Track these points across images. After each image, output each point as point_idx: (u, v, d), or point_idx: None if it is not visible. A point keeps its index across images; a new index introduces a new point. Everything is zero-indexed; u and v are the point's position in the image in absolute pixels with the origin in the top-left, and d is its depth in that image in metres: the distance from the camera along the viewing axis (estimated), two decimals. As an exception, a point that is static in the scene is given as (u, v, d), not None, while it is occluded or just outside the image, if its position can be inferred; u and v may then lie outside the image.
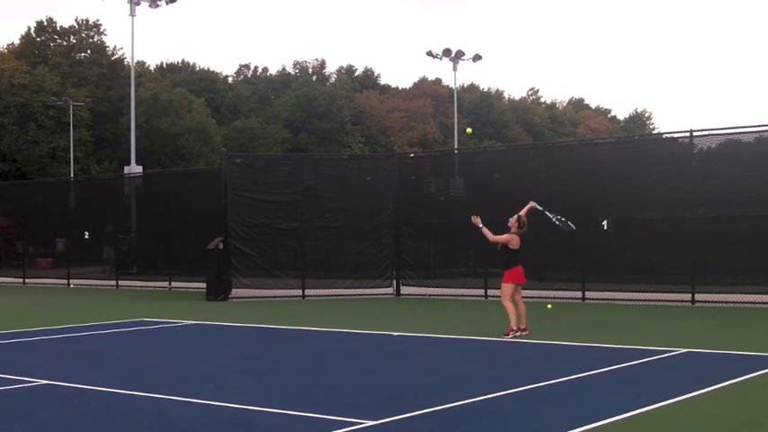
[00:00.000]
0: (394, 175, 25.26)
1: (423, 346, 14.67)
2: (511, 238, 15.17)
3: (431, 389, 10.53)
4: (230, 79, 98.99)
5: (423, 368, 12.27)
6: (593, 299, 21.90)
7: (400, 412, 9.00)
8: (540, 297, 21.76)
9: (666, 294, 20.97)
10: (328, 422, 8.65)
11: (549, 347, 13.99)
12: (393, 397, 10.02)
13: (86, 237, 31.61)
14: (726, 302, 20.04)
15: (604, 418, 8.52)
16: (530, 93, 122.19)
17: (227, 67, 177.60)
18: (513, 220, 15.34)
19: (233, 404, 9.61)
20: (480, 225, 15.54)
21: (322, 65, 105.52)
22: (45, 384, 11.08)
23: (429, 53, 60.92)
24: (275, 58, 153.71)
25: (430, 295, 23.77)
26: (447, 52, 60.16)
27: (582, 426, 8.25)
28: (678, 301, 20.74)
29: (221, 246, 23.99)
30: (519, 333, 14.96)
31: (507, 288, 15.18)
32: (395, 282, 24.70)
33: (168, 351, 14.68)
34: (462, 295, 23.42)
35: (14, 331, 17.11)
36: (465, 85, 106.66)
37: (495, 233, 15.57)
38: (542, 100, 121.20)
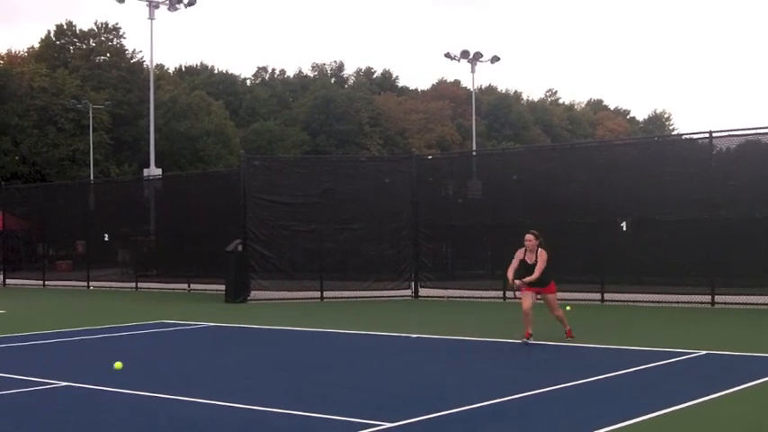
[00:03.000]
0: (412, 176, 25.25)
1: (441, 348, 14.66)
2: (545, 258, 14.59)
3: (450, 390, 10.52)
4: (248, 82, 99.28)
5: (442, 370, 12.26)
6: (612, 300, 21.82)
7: (419, 414, 8.99)
8: (559, 299, 21.65)
9: (686, 296, 20.87)
10: (347, 424, 8.65)
11: (569, 350, 13.95)
12: (412, 399, 10.01)
13: (106, 239, 31.75)
14: (746, 304, 19.92)
15: (624, 420, 8.49)
16: (548, 94, 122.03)
17: (245, 70, 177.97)
18: (532, 240, 14.65)
19: (252, 405, 9.63)
20: (522, 282, 14.48)
21: (340, 67, 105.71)
22: (65, 386, 11.13)
23: (447, 55, 60.86)
24: (293, 61, 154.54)
25: (448, 297, 23.75)
26: (465, 54, 60.08)
27: (602, 428, 8.23)
28: (698, 302, 20.64)
29: (240, 248, 24.03)
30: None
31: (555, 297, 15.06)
32: (413, 284, 24.68)
33: (187, 353, 14.72)
34: (481, 297, 23.38)
35: (34, 333, 17.20)
36: (483, 87, 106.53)
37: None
38: (561, 101, 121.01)
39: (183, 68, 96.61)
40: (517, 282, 14.50)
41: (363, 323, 18.06)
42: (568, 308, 19.49)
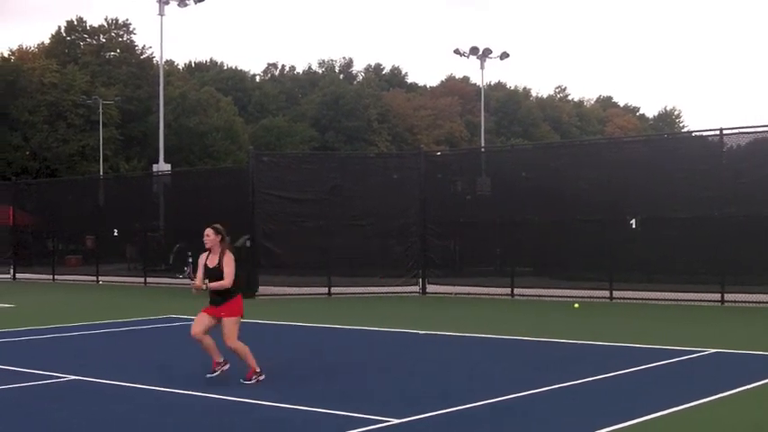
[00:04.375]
0: (420, 173, 25.22)
1: (449, 345, 14.64)
2: (233, 263, 11.27)
3: (457, 387, 10.50)
4: (258, 78, 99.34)
5: (449, 366, 12.24)
6: (620, 298, 21.75)
7: (426, 410, 8.97)
8: (567, 297, 21.67)
9: (695, 294, 20.79)
10: (353, 419, 8.64)
11: (578, 347, 13.91)
12: (419, 395, 10.00)
13: (115, 234, 31.80)
14: (756, 303, 19.83)
15: (633, 418, 8.46)
16: (557, 90, 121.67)
17: (254, 66, 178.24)
18: (210, 235, 11.35)
19: (260, 401, 9.64)
20: (208, 286, 11.09)
21: (349, 63, 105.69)
22: (73, 380, 11.16)
23: (456, 51, 60.75)
24: (302, 57, 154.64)
25: (456, 294, 23.73)
26: (474, 50, 59.98)
27: (611, 425, 8.20)
28: (707, 300, 20.56)
29: (248, 243, 24.05)
30: None
31: None
32: (421, 280, 24.66)
33: (195, 349, 14.71)
34: (488, 294, 23.35)
35: (43, 327, 17.24)
36: (492, 83, 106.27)
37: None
38: (570, 98, 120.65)
39: (193, 64, 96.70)
40: (204, 285, 11.06)
41: (371, 319, 18.06)
42: (576, 305, 19.46)
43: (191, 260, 21.48)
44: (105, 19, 76.63)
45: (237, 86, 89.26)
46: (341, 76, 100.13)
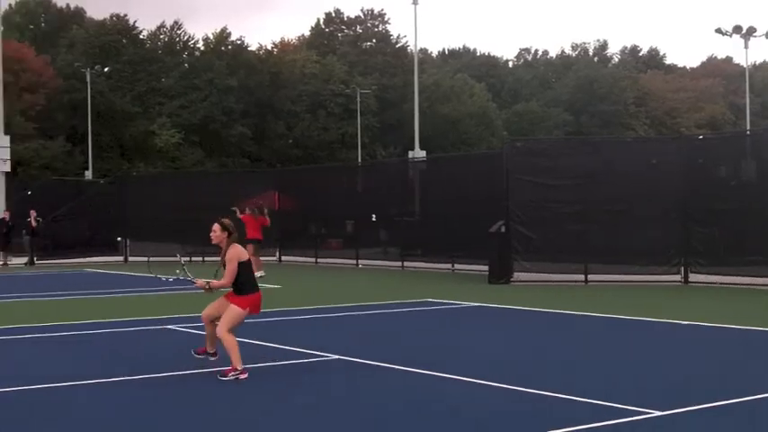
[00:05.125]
0: (681, 157, 24.33)
1: (713, 337, 14.09)
2: (234, 259, 10.40)
3: (722, 382, 10.11)
4: (510, 63, 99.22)
5: (713, 360, 11.80)
6: None
7: (689, 404, 8.72)
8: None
9: None
10: (613, 410, 8.51)
11: None
12: (681, 388, 9.71)
13: (373, 219, 32.72)
14: None
15: None
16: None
17: (507, 52, 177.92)
18: (216, 231, 10.58)
19: (508, 385, 9.70)
20: (205, 284, 10.62)
21: (603, 46, 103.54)
22: (337, 359, 11.63)
23: (718, 30, 58.15)
24: (555, 41, 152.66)
25: (721, 284, 22.74)
26: (737, 29, 57.16)
27: None
28: None
29: (503, 229, 24.11)
30: None
31: None
32: (682, 269, 23.81)
33: (451, 331, 14.97)
34: (755, 285, 22.20)
35: (308, 308, 18.05)
36: (757, 63, 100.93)
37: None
38: None
39: (446, 52, 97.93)
40: (207, 285, 10.57)
41: (627, 308, 17.61)
42: None
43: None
44: (361, 10, 79.10)
45: (490, 72, 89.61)
46: (595, 59, 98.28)
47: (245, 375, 10.14)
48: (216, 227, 10.51)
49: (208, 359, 10.73)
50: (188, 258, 30.70)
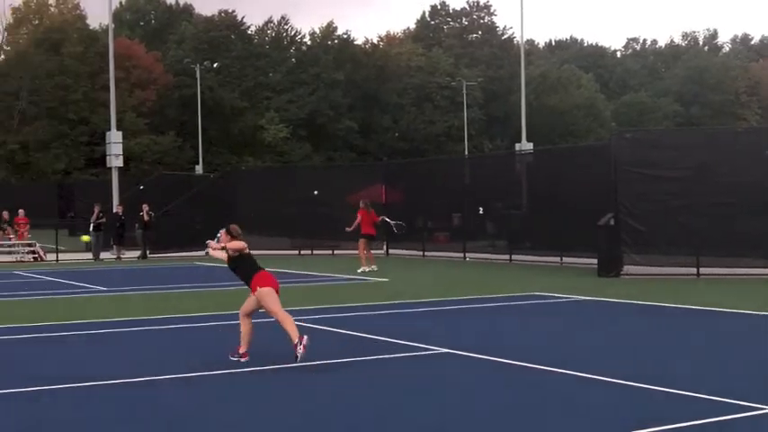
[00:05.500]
0: (797, 148, 23.66)
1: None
2: (233, 242, 11.28)
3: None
4: (619, 53, 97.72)
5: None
6: None
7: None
8: None
9: None
10: (729, 406, 8.43)
11: None
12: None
13: (480, 212, 32.67)
14: None
15: None
16: None
17: (615, 42, 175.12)
18: (223, 236, 11.39)
19: (615, 379, 9.68)
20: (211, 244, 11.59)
21: (713, 35, 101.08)
22: (446, 353, 11.74)
23: (837, 15, 56.14)
24: (664, 30, 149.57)
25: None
26: None
27: None
28: None
29: (612, 222, 23.83)
30: None
31: None
32: (799, 262, 23.13)
33: (563, 326, 14.92)
34: None
35: (416, 301, 18.19)
36: None
37: None
38: None
39: (553, 42, 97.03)
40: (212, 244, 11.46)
41: (741, 302, 17.21)
42: None
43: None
44: (467, 2, 78.89)
45: (598, 63, 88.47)
46: (705, 48, 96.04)
47: (245, 359, 10.99)
48: (222, 232, 11.38)
49: (240, 360, 11.07)
50: (297, 252, 31.12)
